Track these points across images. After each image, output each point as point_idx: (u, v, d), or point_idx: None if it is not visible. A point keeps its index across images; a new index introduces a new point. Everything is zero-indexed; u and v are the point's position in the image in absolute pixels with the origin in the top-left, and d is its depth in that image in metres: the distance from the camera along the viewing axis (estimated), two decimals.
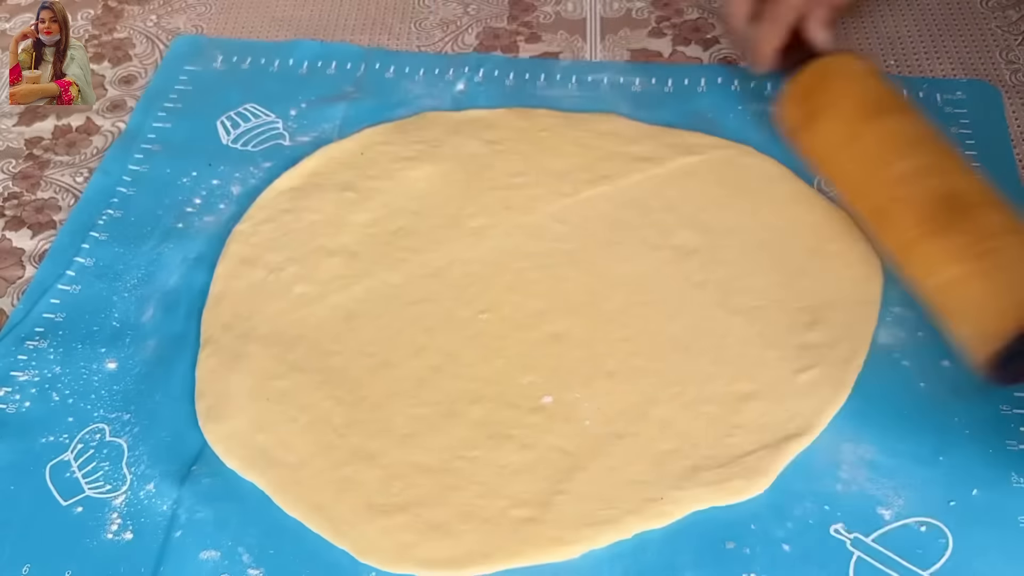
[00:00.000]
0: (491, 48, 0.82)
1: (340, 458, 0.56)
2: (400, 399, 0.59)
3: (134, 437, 0.58)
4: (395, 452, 0.56)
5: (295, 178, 0.71)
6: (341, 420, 0.58)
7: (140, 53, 0.84)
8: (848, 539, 0.53)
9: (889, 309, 0.62)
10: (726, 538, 0.53)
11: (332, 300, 0.64)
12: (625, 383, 0.59)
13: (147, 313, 0.65)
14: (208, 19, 0.86)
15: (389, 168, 0.71)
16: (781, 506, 0.54)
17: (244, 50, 0.82)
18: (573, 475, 0.55)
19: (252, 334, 0.62)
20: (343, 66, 0.80)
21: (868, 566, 0.52)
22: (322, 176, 0.71)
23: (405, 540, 0.53)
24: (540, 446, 0.56)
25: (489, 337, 0.61)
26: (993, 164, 0.69)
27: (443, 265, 0.65)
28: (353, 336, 0.62)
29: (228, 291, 0.65)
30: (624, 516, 0.53)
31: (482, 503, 0.54)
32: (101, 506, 0.56)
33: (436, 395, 0.59)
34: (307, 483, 0.55)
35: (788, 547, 0.53)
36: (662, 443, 0.56)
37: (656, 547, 0.53)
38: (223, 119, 0.77)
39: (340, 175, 0.71)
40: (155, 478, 0.57)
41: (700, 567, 0.52)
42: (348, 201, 0.69)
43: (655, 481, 0.54)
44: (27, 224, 0.71)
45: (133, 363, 0.62)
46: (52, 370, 0.62)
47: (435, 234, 0.67)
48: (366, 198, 0.69)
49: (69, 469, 0.57)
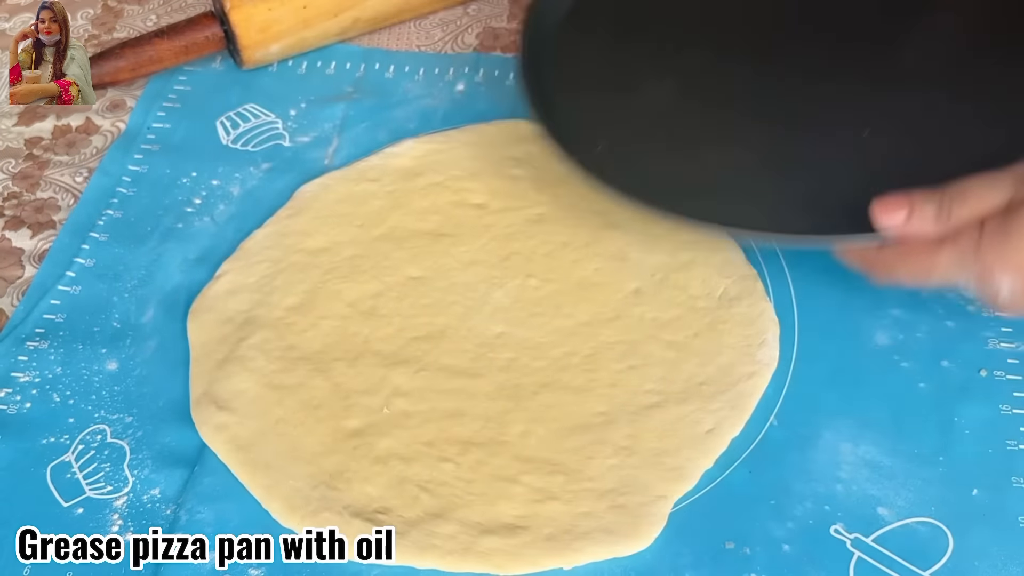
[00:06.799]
0: (491, 48, 0.82)
1: (344, 459, 0.56)
2: (409, 399, 0.59)
3: (136, 439, 0.58)
4: (405, 454, 0.57)
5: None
6: (352, 422, 0.58)
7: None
8: (848, 539, 0.53)
9: (887, 311, 0.62)
10: (726, 538, 0.53)
11: (336, 300, 0.64)
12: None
13: (148, 314, 0.65)
14: None
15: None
16: (781, 506, 0.54)
17: None
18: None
19: (252, 335, 0.62)
20: (342, 66, 0.81)
21: (868, 566, 0.52)
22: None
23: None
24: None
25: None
26: None
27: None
28: (358, 338, 0.62)
29: (226, 289, 0.65)
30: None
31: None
32: (102, 507, 0.56)
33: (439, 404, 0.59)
34: (305, 486, 0.56)
35: (788, 547, 0.53)
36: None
37: (656, 548, 0.53)
38: (223, 119, 0.77)
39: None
40: (157, 480, 0.57)
41: (700, 567, 0.52)
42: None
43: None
44: (27, 224, 0.71)
45: (134, 364, 0.62)
46: (53, 371, 0.62)
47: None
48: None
49: (70, 470, 0.57)
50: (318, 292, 0.64)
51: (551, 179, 0.70)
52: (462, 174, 0.71)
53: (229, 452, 0.57)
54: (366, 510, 0.54)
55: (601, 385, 0.59)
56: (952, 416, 0.57)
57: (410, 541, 0.53)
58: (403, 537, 0.53)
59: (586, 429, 0.57)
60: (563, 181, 0.70)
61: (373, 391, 0.59)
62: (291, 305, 0.64)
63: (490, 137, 0.73)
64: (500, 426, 0.58)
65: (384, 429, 0.58)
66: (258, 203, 0.71)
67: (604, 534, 0.53)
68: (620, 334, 0.62)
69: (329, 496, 0.55)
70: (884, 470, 0.55)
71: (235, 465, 0.56)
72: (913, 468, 0.55)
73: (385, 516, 0.54)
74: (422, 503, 0.55)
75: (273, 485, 0.55)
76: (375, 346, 0.62)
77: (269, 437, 0.57)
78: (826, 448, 0.56)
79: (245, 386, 0.59)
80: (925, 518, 0.53)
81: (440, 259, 0.66)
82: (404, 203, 0.69)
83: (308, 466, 0.56)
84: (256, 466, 0.56)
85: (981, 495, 0.54)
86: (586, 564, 0.53)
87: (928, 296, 0.63)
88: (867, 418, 0.57)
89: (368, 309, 0.63)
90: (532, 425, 0.58)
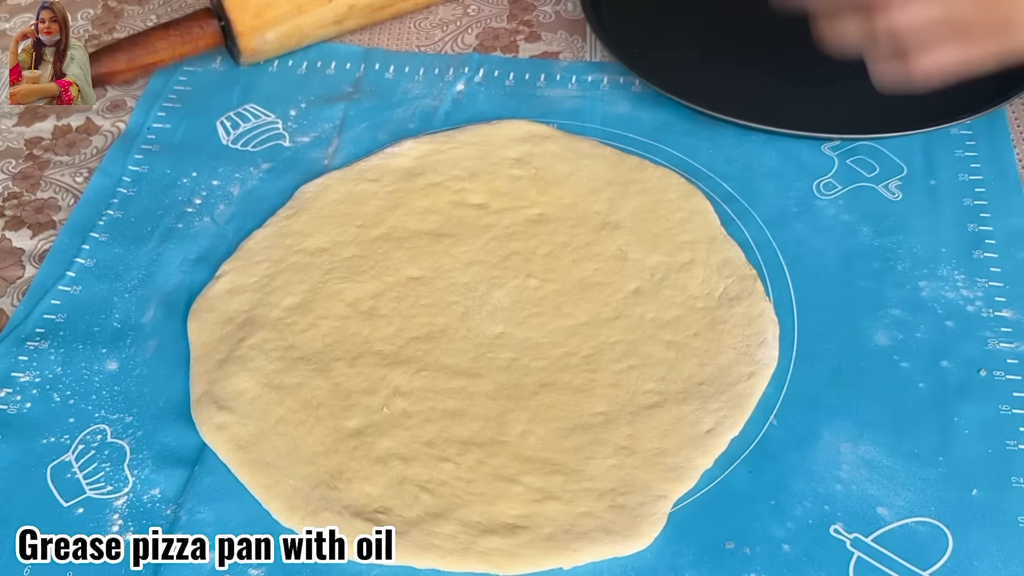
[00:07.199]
0: (491, 48, 0.82)
1: (344, 459, 0.56)
2: (408, 399, 0.59)
3: (136, 439, 0.58)
4: (405, 454, 0.57)
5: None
6: (352, 422, 0.58)
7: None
8: (848, 539, 0.53)
9: (887, 311, 0.62)
10: (726, 538, 0.53)
11: (336, 300, 0.64)
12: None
13: (148, 314, 0.65)
14: None
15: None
16: (781, 506, 0.54)
17: None
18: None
19: (252, 335, 0.62)
20: (342, 66, 0.81)
21: (868, 566, 0.52)
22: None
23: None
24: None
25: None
26: (993, 165, 0.70)
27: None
28: (357, 338, 0.62)
29: (226, 289, 0.65)
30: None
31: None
32: (102, 507, 0.56)
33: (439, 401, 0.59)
34: (305, 486, 0.56)
35: (788, 547, 0.53)
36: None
37: (656, 548, 0.53)
38: (223, 119, 0.77)
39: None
40: (157, 479, 0.57)
41: (700, 567, 0.52)
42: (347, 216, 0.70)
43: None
44: (27, 224, 0.71)
45: (134, 364, 0.62)
46: (53, 371, 0.62)
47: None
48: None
49: (70, 470, 0.57)
50: (318, 292, 0.64)
51: (551, 179, 0.70)
52: (462, 174, 0.71)
53: (229, 452, 0.57)
54: (366, 510, 0.54)
55: (601, 385, 0.59)
56: (952, 416, 0.57)
57: (410, 541, 0.53)
58: (403, 537, 0.53)
59: (586, 429, 0.57)
60: (563, 181, 0.70)
61: (373, 391, 0.59)
62: (291, 305, 0.64)
63: (490, 137, 0.73)
64: (500, 426, 0.58)
65: (384, 429, 0.58)
66: (258, 203, 0.71)
67: (604, 534, 0.53)
68: (620, 334, 0.62)
69: (329, 496, 0.55)
70: (884, 470, 0.55)
71: (235, 465, 0.56)
72: (913, 468, 0.55)
73: (385, 516, 0.54)
74: (422, 503, 0.55)
75: (273, 485, 0.55)
76: (375, 346, 0.62)
77: (269, 437, 0.57)
78: (826, 448, 0.56)
79: (245, 386, 0.59)
80: (925, 518, 0.53)
81: (440, 259, 0.66)
82: (404, 203, 0.70)
83: (308, 466, 0.56)
84: (256, 466, 0.56)
85: (981, 495, 0.54)
86: (586, 564, 0.53)
87: (928, 296, 0.63)
88: (867, 418, 0.57)
89: (368, 309, 0.63)
90: (532, 425, 0.58)
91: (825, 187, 0.70)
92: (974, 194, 0.69)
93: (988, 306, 0.62)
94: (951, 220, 0.67)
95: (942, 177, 0.70)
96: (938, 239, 0.66)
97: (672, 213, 0.68)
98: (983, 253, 0.65)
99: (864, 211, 0.68)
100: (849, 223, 0.67)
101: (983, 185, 0.69)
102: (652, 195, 0.69)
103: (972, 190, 0.69)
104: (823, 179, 0.70)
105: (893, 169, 0.70)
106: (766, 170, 0.71)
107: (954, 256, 0.65)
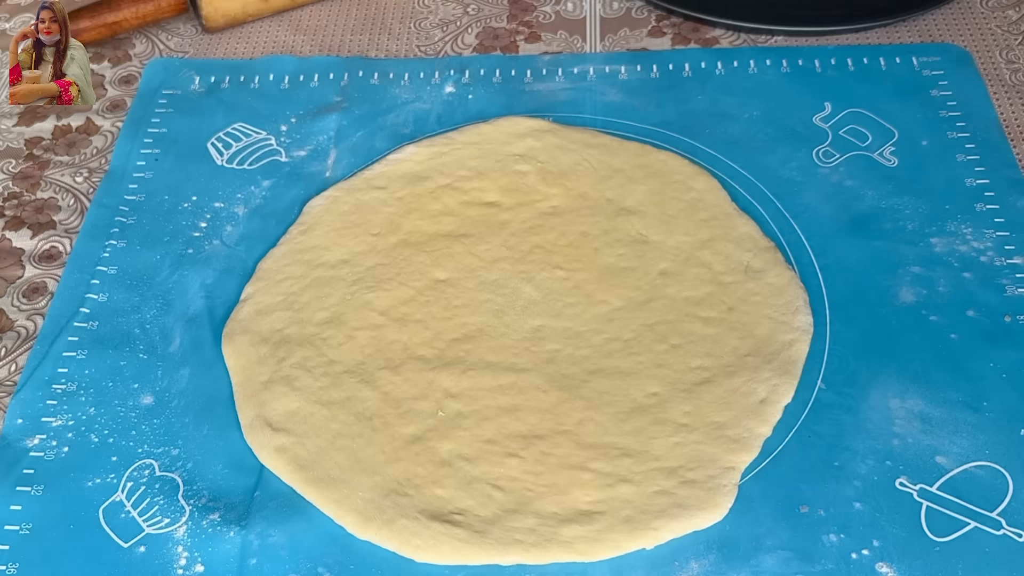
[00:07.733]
0: (491, 48, 0.82)
1: (409, 465, 0.56)
2: (460, 401, 0.59)
3: (186, 470, 0.57)
4: (468, 454, 0.57)
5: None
6: (409, 428, 0.58)
7: (140, 53, 0.83)
8: (914, 491, 0.54)
9: (907, 269, 0.64)
10: (799, 502, 0.54)
11: (367, 310, 0.63)
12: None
13: (174, 343, 0.63)
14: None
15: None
16: (845, 466, 0.55)
17: (220, 70, 0.81)
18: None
19: (292, 354, 0.61)
20: (325, 77, 0.80)
21: (939, 515, 0.53)
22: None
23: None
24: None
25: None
26: (976, 121, 0.73)
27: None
28: (397, 346, 0.62)
29: (255, 310, 0.64)
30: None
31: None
32: (164, 541, 0.54)
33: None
34: (376, 496, 0.55)
35: (859, 505, 0.54)
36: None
37: (733, 519, 0.54)
38: (213, 141, 0.75)
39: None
40: (217, 507, 0.55)
41: (779, 533, 0.53)
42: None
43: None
44: (27, 224, 0.70)
45: (170, 395, 0.60)
46: (86, 411, 0.60)
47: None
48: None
49: (123, 509, 0.56)
50: (348, 304, 0.64)
51: (557, 171, 0.71)
52: (469, 174, 0.71)
53: (292, 472, 0.56)
54: (442, 512, 0.54)
55: (648, 367, 0.60)
56: (987, 362, 0.59)
57: (492, 539, 0.53)
58: (484, 536, 0.53)
59: (643, 411, 0.58)
60: (569, 172, 0.70)
61: (423, 396, 0.59)
62: (323, 320, 0.63)
63: (490, 136, 0.73)
64: (557, 416, 0.58)
65: (442, 432, 0.57)
66: (265, 221, 0.70)
67: (680, 509, 0.54)
68: (657, 315, 0.62)
69: (402, 503, 0.54)
70: (935, 420, 0.57)
71: (300, 484, 0.56)
72: (961, 415, 0.57)
73: (462, 516, 0.54)
74: (496, 500, 0.54)
75: (343, 499, 0.55)
76: (416, 351, 0.61)
77: (329, 453, 0.57)
78: (876, 405, 0.58)
79: (296, 406, 0.58)
80: (982, 462, 0.55)
81: (463, 259, 0.66)
82: (416, 207, 0.69)
83: (374, 476, 0.56)
84: (322, 483, 0.55)
85: None
86: (668, 541, 0.53)
87: (941, 251, 0.65)
88: (909, 372, 0.59)
89: (401, 316, 0.63)
90: (589, 412, 0.58)
91: (824, 155, 0.71)
92: (965, 150, 0.71)
93: (1000, 255, 0.64)
94: (949, 177, 0.69)
95: (932, 138, 0.72)
96: (940, 196, 0.68)
97: (683, 194, 0.69)
98: (985, 205, 0.67)
99: (865, 178, 0.70)
100: (853, 188, 0.69)
101: (972, 141, 0.71)
102: (660, 178, 0.70)
103: (963, 146, 0.71)
104: (821, 147, 0.72)
105: (884, 134, 0.72)
106: (765, 144, 0.73)
107: (959, 211, 0.67)
